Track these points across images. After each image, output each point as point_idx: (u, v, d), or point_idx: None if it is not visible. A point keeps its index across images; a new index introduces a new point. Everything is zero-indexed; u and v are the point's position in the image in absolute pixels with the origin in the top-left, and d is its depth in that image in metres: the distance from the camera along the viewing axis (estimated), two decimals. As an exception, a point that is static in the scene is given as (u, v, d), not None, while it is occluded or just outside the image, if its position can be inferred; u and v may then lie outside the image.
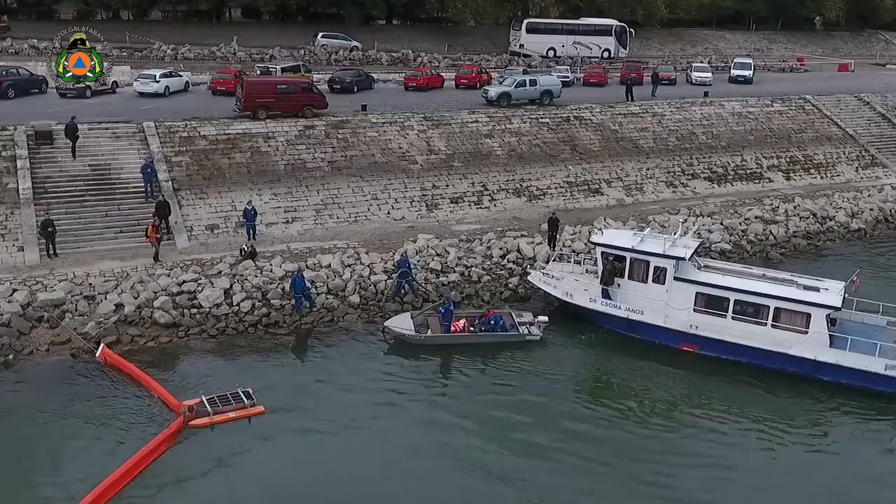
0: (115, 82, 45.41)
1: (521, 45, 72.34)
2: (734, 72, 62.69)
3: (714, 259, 33.31)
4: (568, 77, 56.11)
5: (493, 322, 25.64)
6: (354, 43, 67.49)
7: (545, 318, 26.66)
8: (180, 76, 46.79)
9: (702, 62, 68.10)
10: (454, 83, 53.33)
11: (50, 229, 28.48)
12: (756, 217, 38.65)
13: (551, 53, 71.86)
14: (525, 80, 46.34)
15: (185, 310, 26.20)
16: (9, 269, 27.71)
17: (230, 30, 67.66)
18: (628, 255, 27.12)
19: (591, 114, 46.05)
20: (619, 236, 28.94)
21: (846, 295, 26.32)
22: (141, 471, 18.27)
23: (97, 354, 23.38)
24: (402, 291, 28.30)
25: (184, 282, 27.25)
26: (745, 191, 43.33)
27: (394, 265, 29.02)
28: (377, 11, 75.23)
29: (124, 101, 42.82)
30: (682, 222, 31.14)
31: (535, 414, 21.83)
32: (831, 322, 26.17)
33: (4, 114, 36.08)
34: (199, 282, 27.42)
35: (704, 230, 36.28)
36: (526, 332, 25.79)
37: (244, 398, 20.89)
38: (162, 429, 19.59)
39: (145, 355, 24.04)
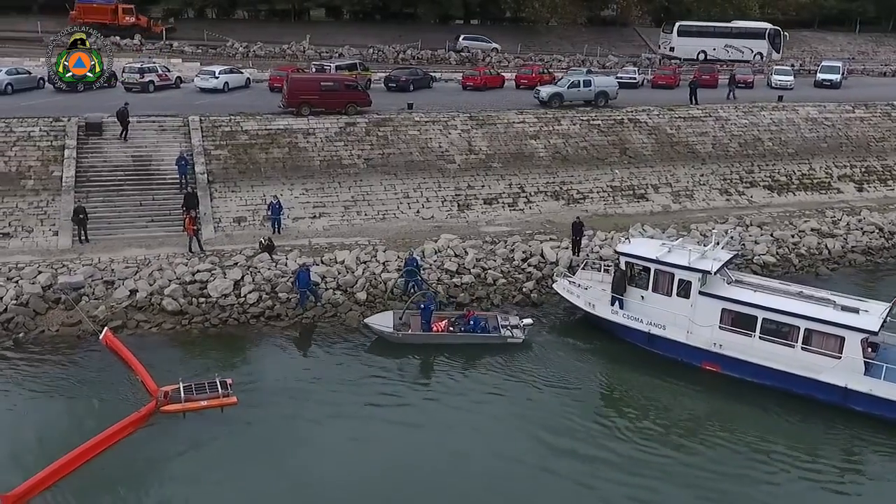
0: (178, 77, 47.33)
1: (672, 49, 71.84)
2: (820, 76, 59.11)
3: (755, 272, 31.73)
4: (635, 78, 54.40)
5: (472, 323, 25.03)
6: (494, 45, 68.34)
7: (529, 321, 25.95)
8: (241, 73, 48.19)
9: (784, 65, 64.51)
10: (514, 83, 52.64)
11: (81, 216, 29.86)
12: (812, 229, 36.23)
13: (701, 57, 70.87)
14: (579, 81, 45.16)
15: (194, 298, 26.88)
16: (42, 252, 29.24)
17: (308, 28, 69.09)
18: (652, 267, 25.89)
19: (648, 116, 44.38)
20: (645, 246, 27.66)
21: (888, 318, 24.25)
22: (104, 450, 18.70)
23: (100, 337, 24.19)
24: (410, 290, 28.06)
25: (198, 271, 28.00)
26: (807, 201, 40.69)
27: (402, 264, 28.83)
28: (455, 11, 75.10)
29: (184, 96, 44.54)
30: (715, 233, 29.61)
31: (503, 418, 21.26)
32: (871, 347, 24.21)
33: (71, 105, 38.14)
34: (213, 272, 28.09)
35: (751, 241, 34.39)
36: (508, 334, 25.06)
37: (219, 388, 21.05)
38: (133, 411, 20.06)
39: (146, 340, 24.81)
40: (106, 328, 24.37)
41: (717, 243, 27.30)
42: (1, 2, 62.94)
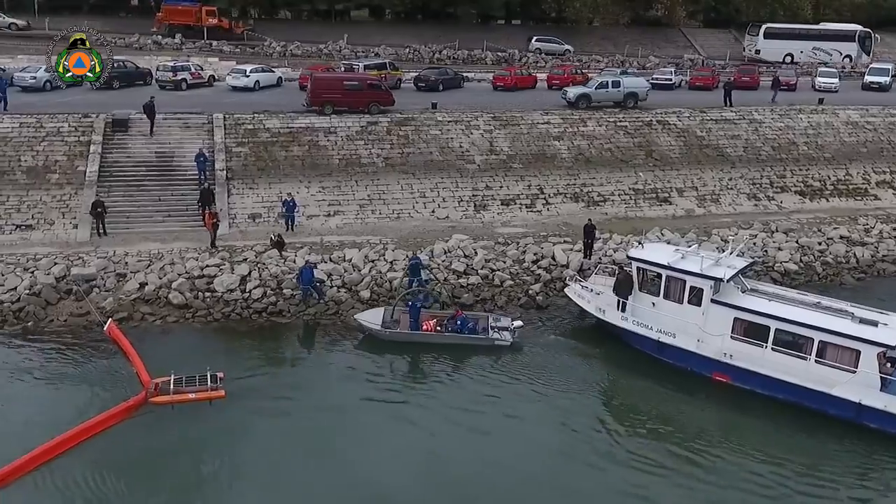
0: (212, 76, 48.27)
1: (758, 51, 71.27)
2: (868, 78, 57.01)
3: (776, 280, 30.87)
4: (671, 80, 53.37)
5: (460, 323, 24.84)
6: (567, 46, 68.59)
7: (520, 324, 25.68)
8: (272, 72, 48.85)
9: (830, 67, 62.43)
10: (546, 84, 52.16)
11: (99, 209, 30.66)
12: (841, 237, 34.96)
13: (788, 59, 70.00)
14: (607, 82, 44.47)
15: (200, 292, 27.31)
16: (61, 244, 30.12)
17: (348, 28, 69.62)
18: (664, 273, 25.23)
19: (678, 118, 43.45)
20: (658, 251, 26.97)
21: None
22: (90, 436, 19.29)
23: (104, 328, 24.88)
24: (415, 291, 27.99)
25: (207, 266, 28.46)
26: (841, 207, 39.31)
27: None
28: (495, 10, 74.85)
29: (215, 94, 45.36)
30: (733, 239, 28.84)
31: (486, 423, 21.03)
32: (891, 362, 23.25)
33: (105, 102, 39.16)
34: (222, 267, 28.51)
35: (774, 247, 33.38)
36: (496, 336, 24.80)
37: (209, 381, 21.41)
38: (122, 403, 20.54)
39: (149, 333, 25.37)
40: (110, 320, 25.23)
41: (732, 251, 26.59)
42: (55, 1, 65.24)
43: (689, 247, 28.24)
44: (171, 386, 21.08)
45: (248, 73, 46.51)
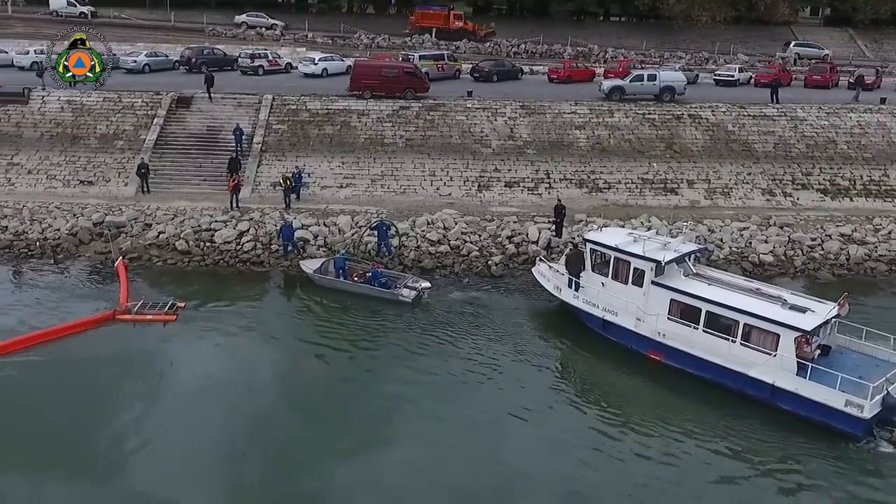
0: (288, 63, 53.61)
1: None
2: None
3: (745, 269, 31.47)
4: (733, 76, 52.93)
5: (371, 276, 27.89)
6: (826, 51, 68.98)
7: (427, 284, 28.27)
8: (342, 60, 53.46)
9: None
10: (603, 77, 53.32)
11: (143, 171, 36.23)
12: (841, 235, 34.49)
13: None
14: (642, 75, 45.34)
15: (202, 242, 32.02)
16: (111, 198, 35.97)
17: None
18: (612, 254, 26.68)
19: (713, 113, 43.66)
20: (613, 235, 28.48)
21: (833, 319, 23.92)
22: (65, 335, 24.35)
23: (115, 264, 30.11)
24: (382, 251, 31.34)
25: (215, 221, 33.17)
26: (863, 208, 38.35)
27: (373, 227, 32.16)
28: (590, 7, 76.01)
29: (286, 79, 50.52)
30: (686, 226, 29.90)
31: (376, 369, 23.82)
32: (823, 350, 24.01)
33: (191, 83, 44.63)
34: (227, 223, 33.12)
35: (760, 240, 33.66)
36: (399, 292, 27.62)
37: (167, 307, 25.97)
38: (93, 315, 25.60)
39: (151, 271, 30.48)
40: (121, 257, 30.39)
41: (677, 236, 27.75)
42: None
43: (646, 233, 29.39)
44: (136, 308, 25.83)
45: (316, 62, 51.42)
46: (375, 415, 21.13)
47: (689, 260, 26.96)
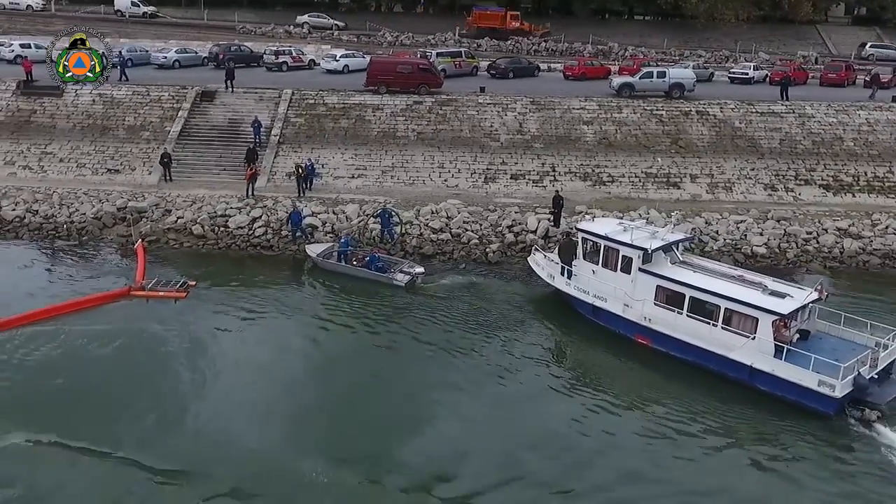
0: (311, 60, 55.51)
1: None
2: None
3: (737, 260, 32.34)
4: (748, 74, 53.45)
5: (368, 260, 29.47)
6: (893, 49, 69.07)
7: (421, 270, 29.85)
8: (363, 57, 55.07)
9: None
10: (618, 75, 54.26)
11: (166, 160, 38.31)
12: (838, 229, 35.13)
13: None
14: (652, 72, 46.25)
15: (218, 227, 33.91)
16: (135, 185, 38.13)
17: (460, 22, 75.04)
18: (602, 243, 27.75)
19: (721, 109, 44.41)
20: (604, 224, 29.63)
21: (811, 304, 24.90)
22: (80, 309, 26.10)
23: (135, 246, 32.12)
24: (385, 237, 32.95)
25: (230, 208, 35.05)
26: (864, 203, 38.83)
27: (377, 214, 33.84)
28: (614, 5, 76.77)
29: (309, 75, 52.40)
30: (675, 214, 30.86)
31: (375, 352, 25.10)
32: (802, 335, 25.04)
33: (217, 78, 46.51)
34: (241, 210, 34.99)
35: (755, 232, 34.47)
36: (394, 277, 29.17)
37: (179, 285, 27.80)
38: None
39: (167, 252, 32.47)
40: (141, 240, 32.39)
41: (666, 225, 28.83)
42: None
43: (636, 223, 30.48)
44: (150, 285, 27.72)
45: (337, 58, 53.23)
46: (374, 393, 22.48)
47: (677, 248, 28.08)
